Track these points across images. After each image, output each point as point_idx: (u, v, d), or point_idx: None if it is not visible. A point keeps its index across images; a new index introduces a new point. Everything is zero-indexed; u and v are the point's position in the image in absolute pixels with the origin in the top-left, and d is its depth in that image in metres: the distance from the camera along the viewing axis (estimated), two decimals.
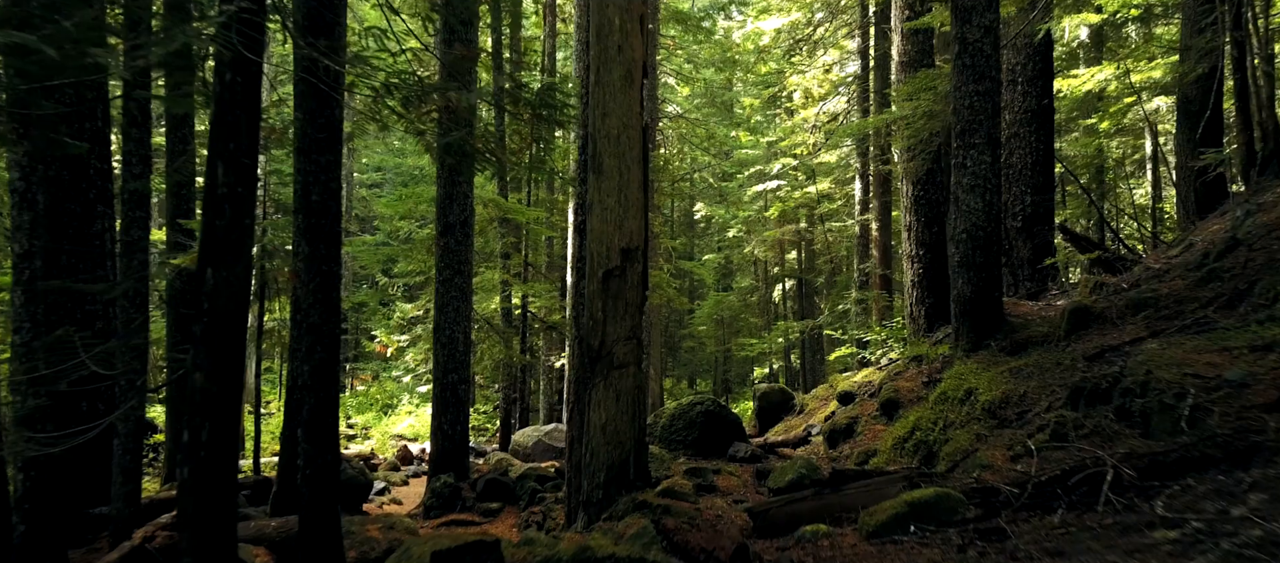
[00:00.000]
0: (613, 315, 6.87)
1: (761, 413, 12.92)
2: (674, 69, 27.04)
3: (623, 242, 6.89)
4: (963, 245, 6.34)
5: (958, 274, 6.31)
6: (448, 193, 11.04)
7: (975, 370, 5.86)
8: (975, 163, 6.29)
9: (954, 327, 6.40)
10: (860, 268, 21.38)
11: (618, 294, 6.89)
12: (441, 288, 11.08)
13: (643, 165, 6.94)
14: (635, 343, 6.99)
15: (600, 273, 6.86)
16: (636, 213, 6.91)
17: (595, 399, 6.87)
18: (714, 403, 9.06)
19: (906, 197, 11.86)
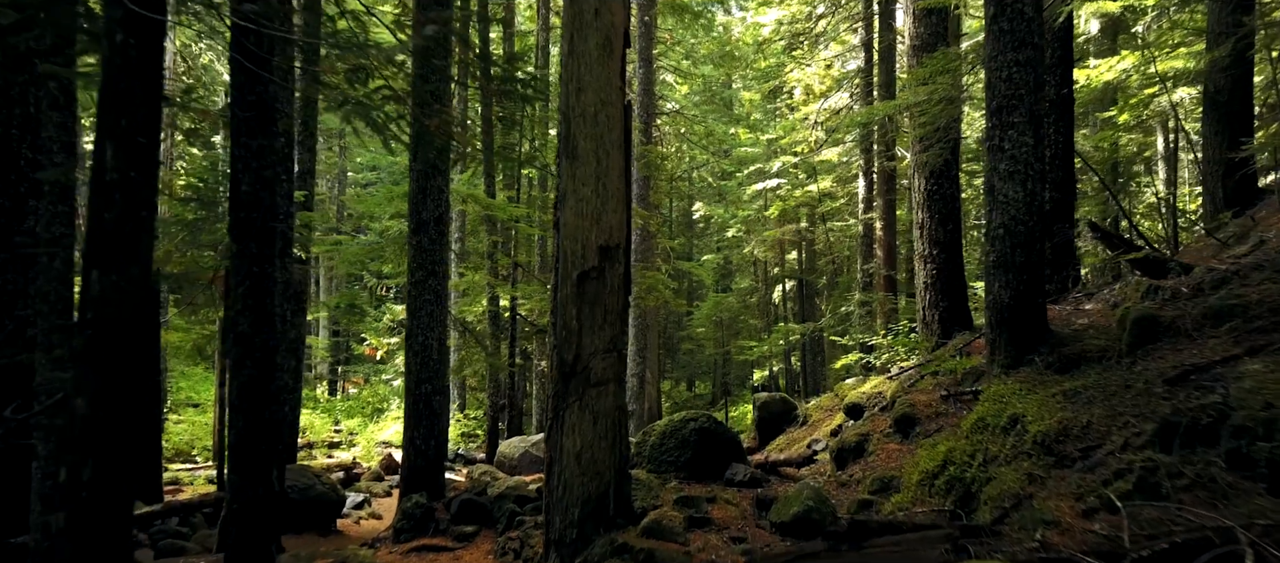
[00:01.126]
0: (589, 324, 5.81)
1: (761, 424, 11.87)
2: (672, 64, 26.00)
3: (600, 238, 5.82)
4: (999, 243, 5.30)
5: (993, 276, 5.29)
6: (421, 187, 9.99)
7: (1018, 392, 4.82)
8: (1014, 145, 5.24)
9: (989, 338, 5.38)
10: (863, 269, 20.35)
11: (595, 300, 5.82)
12: (414, 291, 10.02)
13: (624, 150, 5.87)
14: (616, 356, 5.93)
15: (574, 275, 5.79)
16: (617, 205, 5.85)
17: (569, 422, 5.81)
18: (709, 420, 8.01)
19: (918, 191, 10.82)
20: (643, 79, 19.71)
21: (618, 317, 5.91)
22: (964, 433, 4.98)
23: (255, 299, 5.86)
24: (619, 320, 5.94)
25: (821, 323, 24.09)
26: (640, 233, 20.26)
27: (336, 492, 11.44)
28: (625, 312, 5.96)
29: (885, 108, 11.60)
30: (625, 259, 5.96)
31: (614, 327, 5.90)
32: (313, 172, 12.85)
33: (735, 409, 31.68)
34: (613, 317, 5.88)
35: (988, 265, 5.39)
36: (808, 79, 23.25)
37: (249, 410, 5.87)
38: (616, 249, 5.84)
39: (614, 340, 5.88)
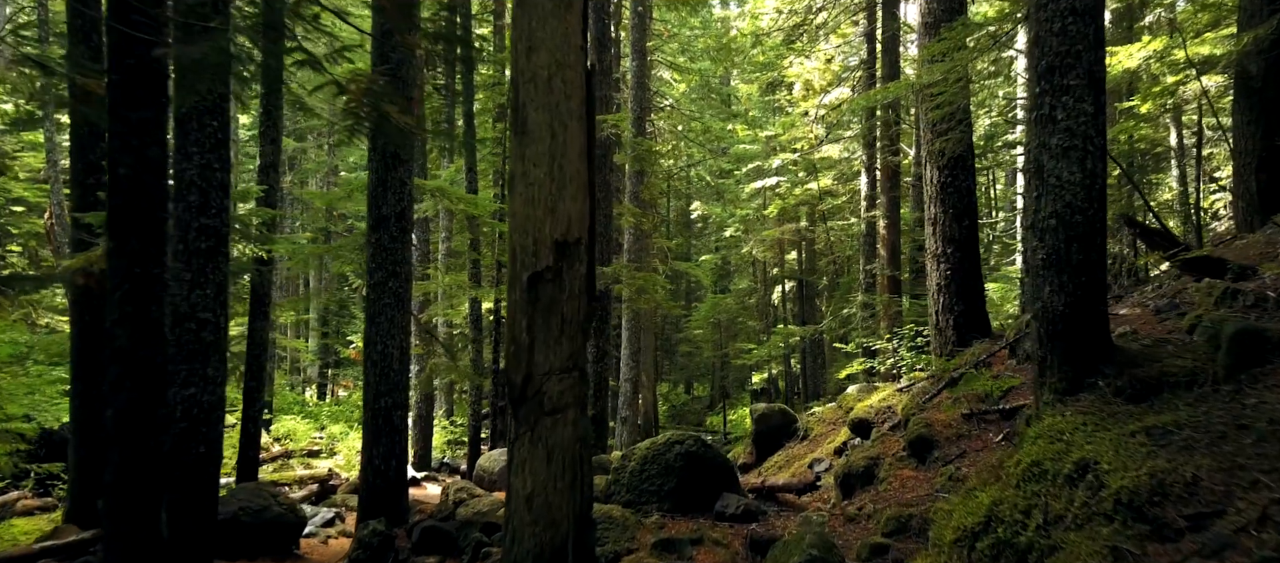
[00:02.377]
0: (543, 338, 4.63)
1: (759, 438, 10.72)
2: (668, 59, 24.85)
3: (556, 232, 4.65)
4: (1051, 236, 4.15)
5: (1043, 278, 4.15)
6: (381, 179, 8.86)
7: (1082, 427, 3.69)
8: (1070, 114, 4.10)
9: (1038, 354, 4.24)
10: (866, 269, 19.20)
11: (550, 307, 4.65)
12: (373, 294, 8.88)
13: (586, 123, 4.70)
14: (577, 377, 4.75)
15: (525, 277, 4.62)
16: (577, 191, 4.67)
17: (519, 459, 4.65)
18: (697, 442, 6.85)
19: (931, 184, 9.66)
20: (636, 72, 18.58)
21: (578, 328, 4.73)
22: (1011, 478, 3.85)
23: (136, 307, 4.69)
24: (580, 332, 4.75)
25: (822, 325, 22.93)
26: (634, 232, 19.11)
27: (296, 513, 10.26)
28: (588, 321, 4.79)
29: (896, 88, 10.47)
30: (588, 257, 4.78)
31: (574, 340, 4.72)
32: (277, 165, 11.71)
33: (734, 412, 30.54)
34: (572, 328, 4.70)
35: (1035, 265, 4.25)
36: (807, 74, 22.10)
37: (128, 441, 4.71)
38: (576, 245, 4.67)
39: (573, 357, 4.70)
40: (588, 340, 4.85)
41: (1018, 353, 8.01)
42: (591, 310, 4.81)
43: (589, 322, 4.82)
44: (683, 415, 32.48)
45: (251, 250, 11.27)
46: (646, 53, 19.93)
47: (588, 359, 4.77)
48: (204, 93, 7.25)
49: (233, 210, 11.15)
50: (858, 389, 11.08)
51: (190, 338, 7.22)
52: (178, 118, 7.34)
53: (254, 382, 11.46)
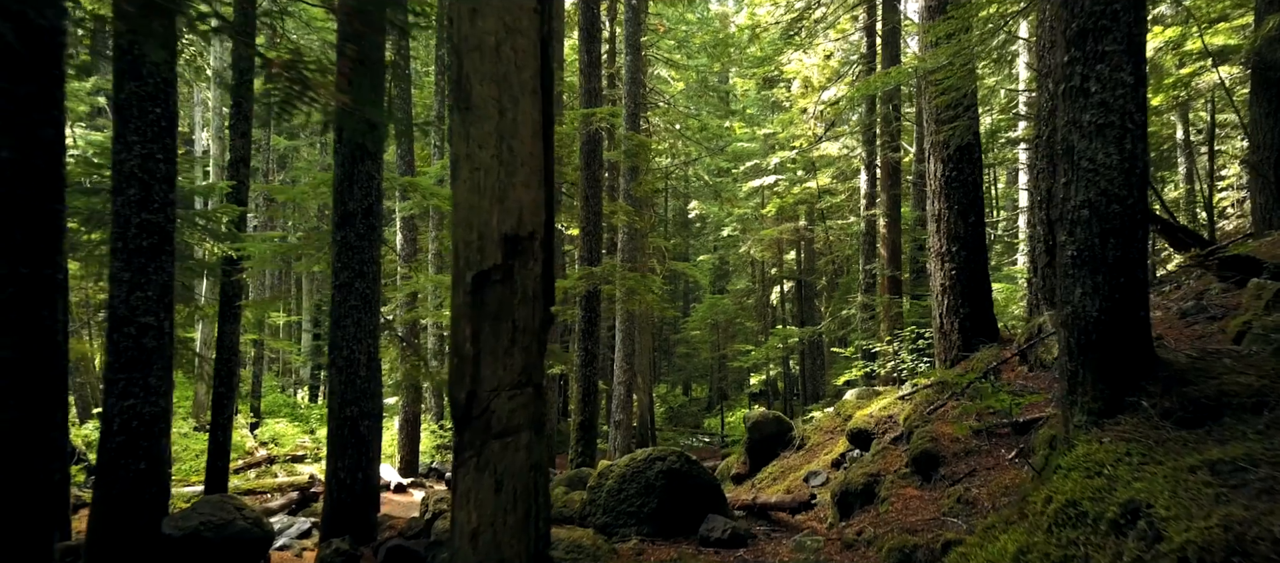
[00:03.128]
0: (490, 349, 3.94)
1: (753, 447, 10.04)
2: (664, 55, 24.16)
3: (505, 225, 3.96)
4: (1083, 228, 3.49)
5: (1073, 278, 3.47)
6: (346, 173, 8.20)
7: (1127, 459, 3.02)
8: (1105, 86, 3.42)
9: (1067, 368, 3.56)
10: (866, 269, 18.52)
11: (499, 313, 3.96)
12: (338, 296, 8.22)
13: (542, 98, 4.01)
14: (531, 394, 4.05)
15: (469, 277, 3.94)
16: (531, 177, 3.99)
17: (463, 488, 3.96)
18: (680, 459, 6.17)
19: (934, 178, 8.99)
20: (630, 67, 17.89)
21: (533, 337, 4.04)
22: (1040, 519, 3.19)
23: (21, 314, 4.02)
24: (535, 342, 4.06)
25: (821, 326, 22.26)
26: (628, 231, 18.43)
27: (262, 526, 9.58)
28: (546, 329, 4.09)
29: (897, 74, 9.79)
30: (546, 255, 4.08)
31: (527, 351, 4.02)
32: (247, 159, 11.05)
33: (731, 414, 29.85)
34: (525, 337, 4.01)
35: (1064, 263, 3.57)
36: (806, 70, 21.42)
37: (12, 467, 4.03)
38: (530, 240, 3.97)
39: (527, 370, 4.00)
40: (545, 352, 4.16)
41: (1029, 359, 7.33)
42: (550, 317, 4.12)
43: (547, 329, 4.13)
44: (680, 418, 31.81)
45: (220, 250, 10.60)
46: (641, 48, 19.26)
47: (543, 372, 4.09)
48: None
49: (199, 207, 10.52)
50: (857, 395, 10.41)
51: (129, 344, 6.57)
52: (116, 104, 6.69)
53: (224, 388, 10.80)
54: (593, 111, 12.05)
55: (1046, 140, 10.17)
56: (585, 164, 12.66)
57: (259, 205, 24.69)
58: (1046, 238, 9.99)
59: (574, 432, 12.39)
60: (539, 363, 4.04)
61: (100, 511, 6.51)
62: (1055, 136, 10.43)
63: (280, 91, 4.33)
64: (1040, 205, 10.13)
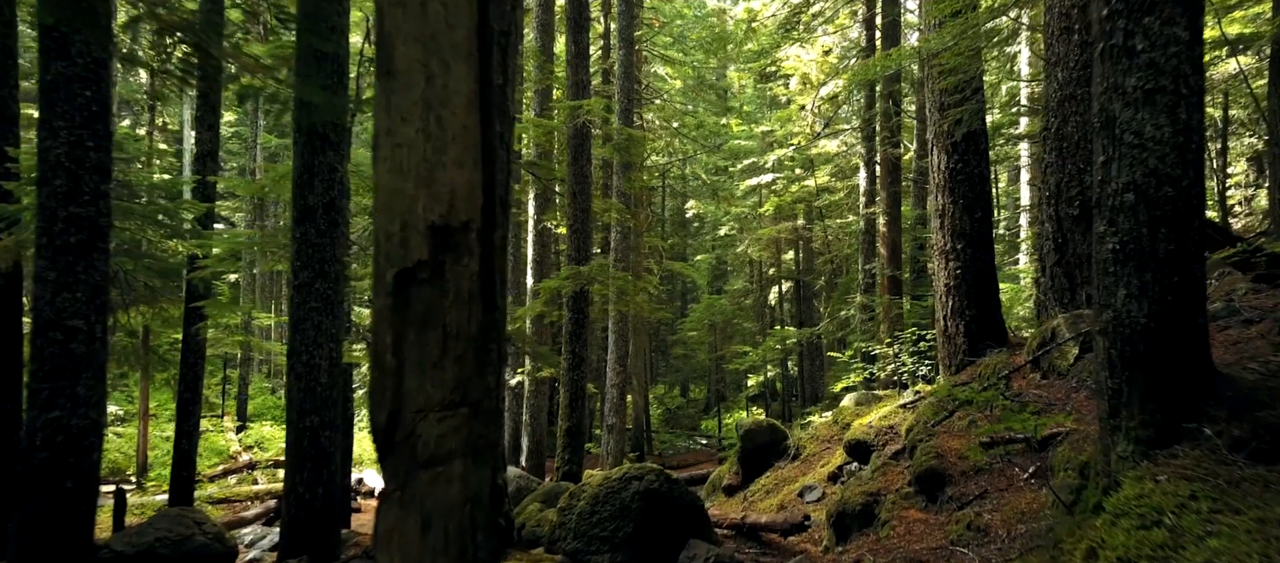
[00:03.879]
0: (417, 361, 3.23)
1: (745, 457, 9.39)
2: (660, 51, 23.50)
3: (433, 212, 3.25)
4: (1127, 216, 2.88)
5: (1115, 277, 2.83)
6: (306, 164, 7.56)
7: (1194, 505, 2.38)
8: (1155, 43, 2.79)
9: (1109, 386, 2.91)
10: (865, 269, 17.87)
11: (427, 317, 3.25)
12: (297, 297, 7.58)
13: (479, 63, 3.31)
14: (467, 415, 3.35)
15: (389, 276, 3.21)
16: (464, 155, 3.28)
17: (383, 528, 3.24)
18: (659, 478, 5.52)
19: (938, 171, 8.34)
20: (623, 62, 17.25)
21: (469, 346, 3.34)
22: None
23: None
24: (472, 352, 3.36)
25: (820, 327, 21.59)
26: (620, 230, 17.78)
27: (223, 541, 8.94)
28: (488, 337, 3.41)
29: (899, 55, 9.15)
30: (486, 248, 3.39)
31: (462, 363, 3.32)
32: (215, 153, 10.42)
33: (729, 416, 29.19)
34: (459, 346, 3.30)
35: (1100, 260, 2.93)
36: (805, 66, 20.77)
37: None
38: (463, 232, 3.27)
39: (461, 386, 3.31)
40: (489, 363, 3.49)
41: (1042, 366, 6.67)
42: (492, 322, 3.44)
43: (489, 337, 3.45)
44: (677, 419, 31.15)
45: (185, 248, 9.95)
46: (635, 42, 18.61)
47: (493, 388, 3.43)
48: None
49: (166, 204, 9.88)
50: (855, 400, 9.76)
51: (55, 350, 5.92)
52: (42, 86, 6.05)
53: (189, 392, 10.18)
54: (579, 104, 11.41)
55: (1055, 132, 9.54)
56: (573, 159, 12.02)
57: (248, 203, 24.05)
58: (1055, 235, 9.35)
59: (561, 438, 11.75)
60: (478, 377, 3.36)
61: (21, 536, 5.86)
62: (1065, 128, 9.78)
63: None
64: (1048, 201, 9.50)
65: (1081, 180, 9.33)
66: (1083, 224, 9.28)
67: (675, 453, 25.22)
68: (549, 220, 15.10)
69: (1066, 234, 9.37)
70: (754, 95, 27.59)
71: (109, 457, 17.24)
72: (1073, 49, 9.47)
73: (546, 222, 15.19)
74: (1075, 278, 9.31)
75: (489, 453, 3.57)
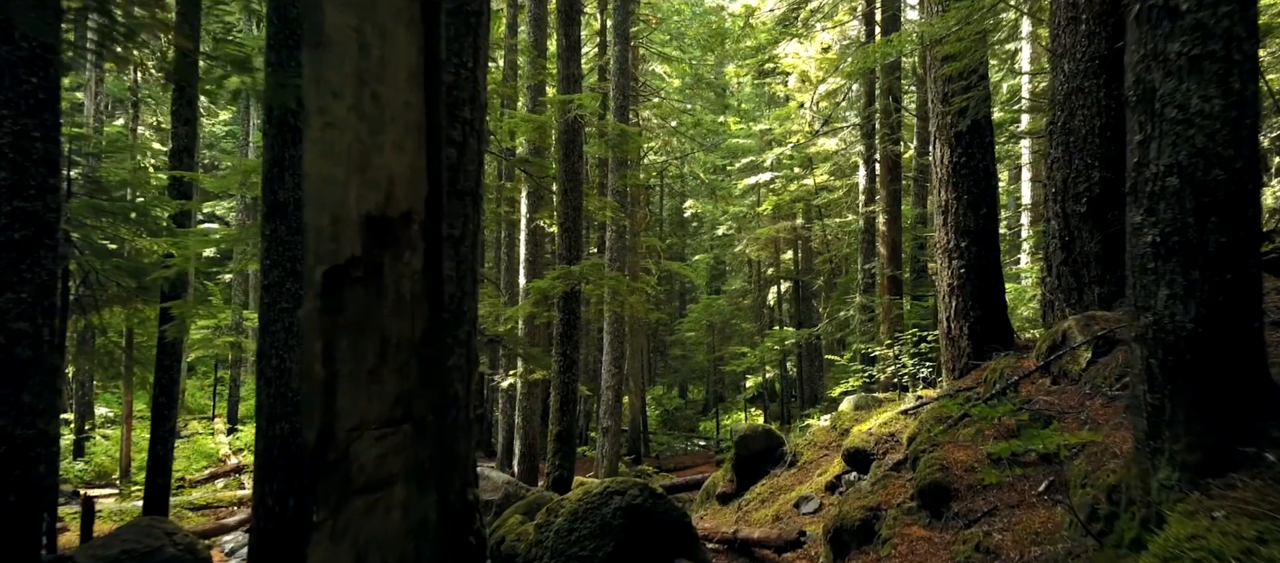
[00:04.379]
0: (351, 372, 2.80)
1: (740, 464, 8.97)
2: (657, 48, 23.09)
3: (368, 203, 2.81)
4: (1170, 203, 2.41)
5: (1154, 275, 2.41)
6: (276, 157, 7.15)
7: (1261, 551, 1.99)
8: (1201, 2, 2.37)
9: (1149, 401, 2.49)
10: (865, 268, 17.44)
11: (362, 322, 2.81)
12: (267, 297, 7.16)
13: (423, 32, 2.87)
14: (410, 432, 2.94)
15: (319, 274, 2.76)
16: (406, 137, 2.85)
17: (315, 561, 2.79)
18: (642, 492, 5.09)
19: (941, 164, 7.92)
20: (618, 57, 16.86)
21: (412, 354, 2.91)
22: None
23: None
24: (416, 361, 2.94)
25: (819, 328, 21.16)
26: (615, 229, 17.37)
27: (195, 553, 8.53)
28: (435, 345, 2.98)
29: (900, 41, 8.73)
30: (431, 243, 2.96)
31: (405, 374, 2.90)
32: (192, 149, 10.01)
33: (728, 417, 28.75)
34: (401, 354, 2.87)
35: (1135, 255, 2.50)
36: (803, 63, 20.35)
37: None
38: (404, 224, 2.85)
39: (403, 400, 2.88)
40: (439, 373, 3.05)
41: (1053, 371, 6.24)
42: (439, 327, 3.01)
43: (437, 344, 3.02)
44: (675, 421, 30.71)
45: (159, 247, 9.53)
46: (630, 38, 18.21)
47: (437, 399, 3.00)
48: None
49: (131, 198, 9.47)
50: (854, 404, 9.34)
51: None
52: None
53: (165, 396, 9.75)
54: (571, 98, 10.99)
55: (1061, 126, 9.13)
56: (564, 155, 11.61)
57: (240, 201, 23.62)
58: (1061, 233, 8.95)
59: (551, 443, 11.34)
60: (424, 390, 2.93)
61: None
62: (1072, 121, 9.33)
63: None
64: (1054, 197, 9.09)
65: (1089, 176, 8.92)
66: (1090, 221, 8.86)
67: (673, 455, 24.80)
68: (542, 219, 14.68)
69: (1073, 232, 8.95)
70: (752, 93, 27.18)
71: (96, 460, 16.86)
72: (1080, 40, 9.05)
73: (540, 220, 14.78)
74: (1083, 277, 8.89)
75: (437, 475, 3.11)
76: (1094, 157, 8.90)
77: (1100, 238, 8.83)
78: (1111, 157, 8.91)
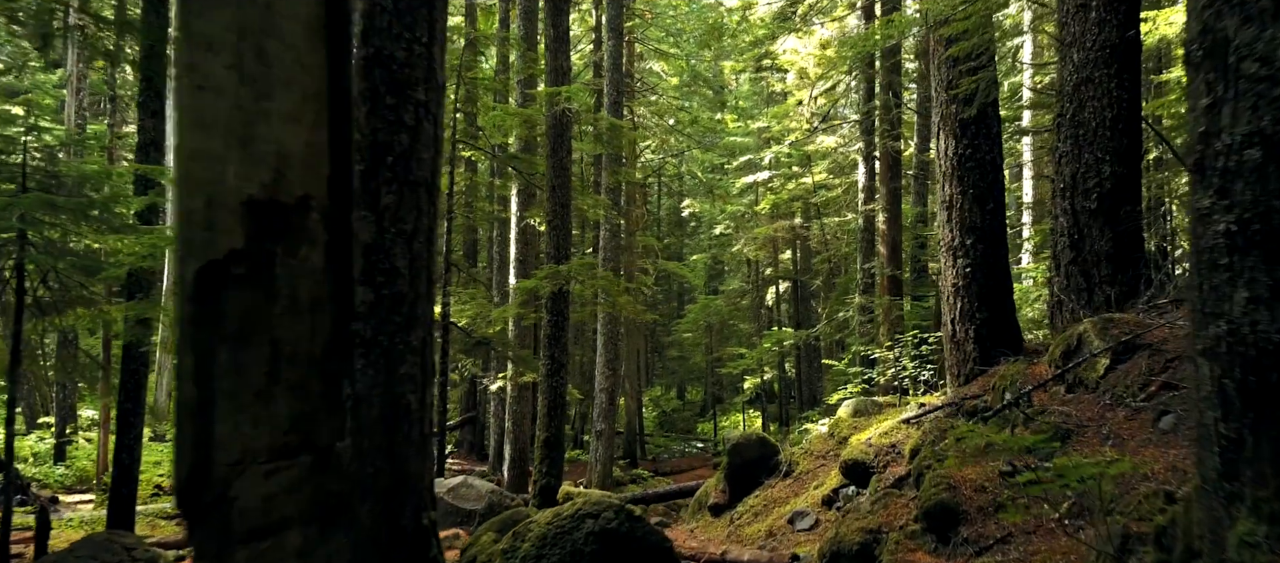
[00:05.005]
0: (230, 392, 2.22)
1: (733, 474, 8.44)
2: (654, 45, 22.56)
3: (252, 184, 2.24)
4: (1250, 182, 1.74)
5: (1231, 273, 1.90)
6: None
7: None
8: None
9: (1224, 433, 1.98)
10: (864, 268, 16.92)
11: (246, 331, 2.24)
12: None
13: None
14: (311, 465, 2.36)
15: (190, 272, 2.18)
16: (303, 105, 2.28)
17: None
18: (618, 515, 4.56)
19: (945, 157, 7.40)
20: (612, 52, 16.35)
21: (315, 369, 2.36)
22: None
23: None
24: (324, 379, 2.38)
25: (818, 329, 20.63)
26: (609, 228, 16.85)
27: None
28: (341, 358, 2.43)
29: (901, 21, 8.18)
30: (337, 235, 2.40)
31: (305, 394, 2.35)
32: (159, 142, 9.51)
33: (726, 419, 28.23)
34: (298, 369, 2.32)
35: (1203, 249, 1.98)
36: (802, 60, 19.82)
37: None
38: (300, 211, 2.29)
39: (302, 426, 2.32)
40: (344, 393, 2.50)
41: (1068, 378, 5.71)
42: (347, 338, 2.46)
43: (345, 358, 2.47)
44: (673, 423, 30.19)
45: (124, 245, 9.00)
46: (624, 32, 17.69)
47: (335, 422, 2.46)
48: None
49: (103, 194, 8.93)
50: (853, 409, 8.81)
51: None
52: None
53: (130, 403, 9.24)
54: (558, 90, 10.47)
55: (1070, 119, 8.62)
56: (552, 150, 11.09)
57: None
58: (1070, 231, 8.45)
59: (538, 449, 10.81)
60: (330, 413, 2.38)
61: None
62: (1081, 113, 8.76)
63: None
64: (1063, 193, 8.59)
65: (1099, 170, 8.42)
66: (1101, 218, 8.36)
67: (670, 457, 24.29)
68: (533, 217, 14.16)
69: (1083, 229, 8.44)
70: (750, 91, 26.67)
71: (78, 465, 16.34)
72: (1089, 28, 8.55)
73: (530, 218, 14.25)
74: (1093, 277, 8.38)
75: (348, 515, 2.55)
76: (1105, 150, 8.40)
77: (1112, 236, 8.32)
78: (1124, 150, 8.40)
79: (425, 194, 4.43)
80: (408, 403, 4.38)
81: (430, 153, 4.42)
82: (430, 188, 4.46)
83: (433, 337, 4.57)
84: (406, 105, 4.32)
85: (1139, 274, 8.31)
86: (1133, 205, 8.53)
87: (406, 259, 4.35)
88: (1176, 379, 4.74)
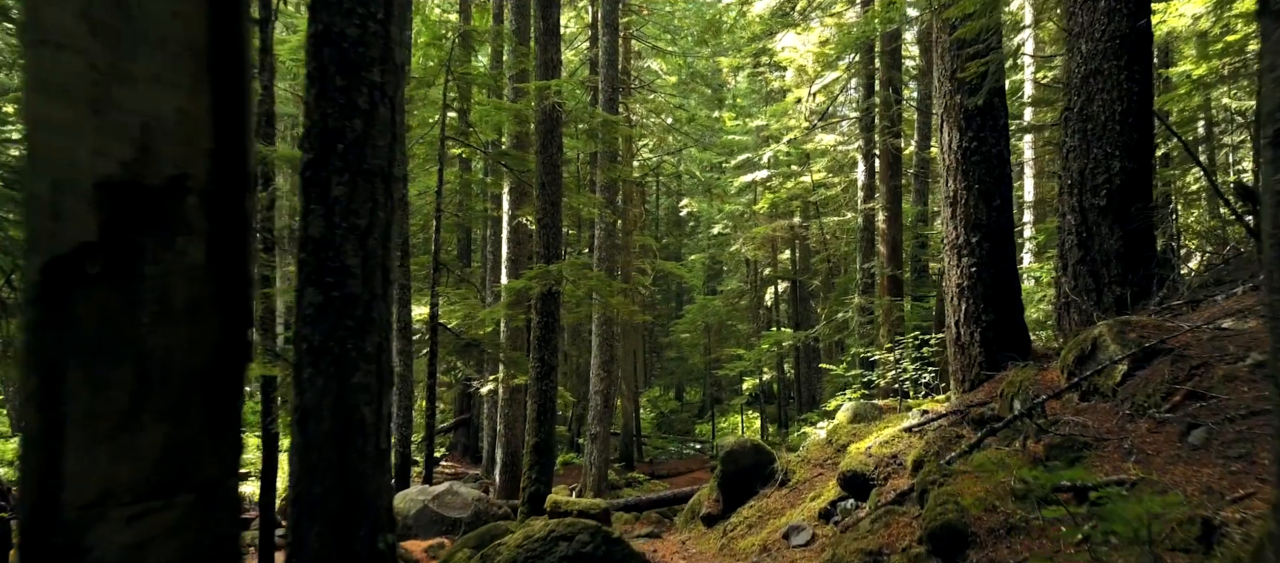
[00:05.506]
0: (82, 418, 1.76)
1: (727, 482, 8.02)
2: (651, 43, 22.12)
3: (108, 162, 1.78)
4: None
5: None
6: None
7: None
8: None
9: None
10: (864, 268, 16.50)
11: (107, 341, 1.78)
12: None
13: None
14: (192, 505, 1.90)
15: (36, 269, 1.70)
16: (175, 65, 1.81)
17: None
18: (593, 537, 4.14)
19: (950, 151, 6.97)
20: (607, 48, 15.92)
21: (197, 388, 1.90)
22: None
23: None
24: (208, 400, 1.91)
25: (817, 329, 20.20)
26: (604, 228, 16.42)
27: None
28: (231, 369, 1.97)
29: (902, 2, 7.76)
30: (226, 224, 1.93)
31: (182, 420, 1.89)
32: None
33: (724, 420, 27.81)
34: (173, 389, 1.86)
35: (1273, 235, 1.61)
36: (800, 57, 19.40)
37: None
38: (174, 194, 1.83)
39: (178, 457, 1.87)
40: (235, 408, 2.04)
41: (1082, 386, 5.27)
42: (241, 347, 2.00)
43: (234, 370, 2.02)
44: (671, 424, 29.75)
45: None
46: (619, 28, 17.25)
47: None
48: None
49: None
50: (852, 414, 8.40)
51: None
52: None
53: None
54: (547, 84, 10.05)
55: (1077, 113, 8.21)
56: (542, 146, 10.66)
57: None
58: (1078, 229, 8.05)
59: (527, 455, 10.38)
60: (216, 441, 1.93)
61: None
62: (1089, 107, 8.31)
63: None
64: (1070, 190, 8.19)
65: (1109, 166, 8.03)
66: (1110, 215, 7.98)
67: (667, 459, 23.87)
68: (525, 216, 13.74)
69: (1092, 227, 8.05)
70: (748, 88, 26.24)
71: None
72: (1098, 18, 8.15)
73: (522, 217, 13.84)
74: (1103, 277, 7.99)
75: None
76: (1114, 145, 8.00)
77: (1122, 234, 7.93)
78: (1134, 145, 8.02)
79: (381, 185, 4.01)
80: (362, 416, 3.96)
81: (387, 140, 4.00)
82: (387, 178, 4.03)
83: (390, 342, 4.14)
84: (360, 87, 3.90)
85: (1150, 274, 7.91)
86: (1144, 202, 8.13)
87: (359, 257, 3.92)
88: (1205, 389, 4.32)
